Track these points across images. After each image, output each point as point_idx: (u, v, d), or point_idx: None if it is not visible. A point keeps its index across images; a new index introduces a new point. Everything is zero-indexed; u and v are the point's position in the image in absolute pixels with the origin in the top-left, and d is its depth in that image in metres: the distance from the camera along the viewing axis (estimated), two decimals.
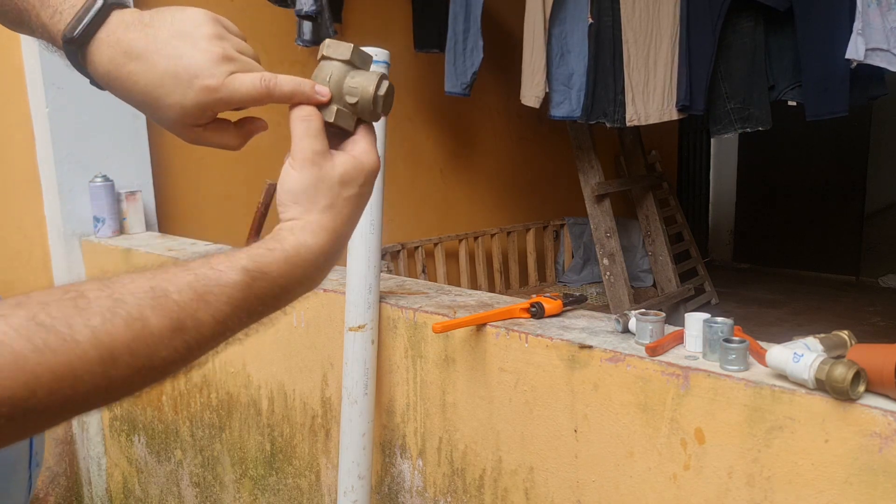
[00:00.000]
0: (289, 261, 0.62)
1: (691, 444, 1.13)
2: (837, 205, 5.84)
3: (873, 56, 2.66)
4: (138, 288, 0.52)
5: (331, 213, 0.65)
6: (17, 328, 0.46)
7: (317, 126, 0.67)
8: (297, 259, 0.63)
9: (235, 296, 0.57)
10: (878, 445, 0.95)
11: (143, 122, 2.59)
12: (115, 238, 2.41)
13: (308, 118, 0.67)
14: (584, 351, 1.24)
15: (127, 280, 0.53)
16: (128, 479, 2.44)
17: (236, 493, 2.02)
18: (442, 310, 1.50)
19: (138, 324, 0.51)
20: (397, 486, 1.62)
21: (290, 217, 0.65)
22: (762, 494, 1.07)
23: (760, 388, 1.05)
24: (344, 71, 0.69)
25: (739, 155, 6.41)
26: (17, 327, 0.46)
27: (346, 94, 0.68)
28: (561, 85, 3.29)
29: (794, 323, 4.57)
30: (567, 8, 3.25)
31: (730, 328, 1.14)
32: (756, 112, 3.21)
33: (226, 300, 0.57)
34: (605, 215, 3.93)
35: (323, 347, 1.73)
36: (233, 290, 0.57)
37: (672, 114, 3.27)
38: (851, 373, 0.95)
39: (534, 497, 1.35)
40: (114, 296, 0.51)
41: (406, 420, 1.58)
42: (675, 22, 3.22)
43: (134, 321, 0.51)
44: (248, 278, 0.58)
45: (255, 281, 0.59)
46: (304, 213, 0.65)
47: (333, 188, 0.66)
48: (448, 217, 4.11)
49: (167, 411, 2.23)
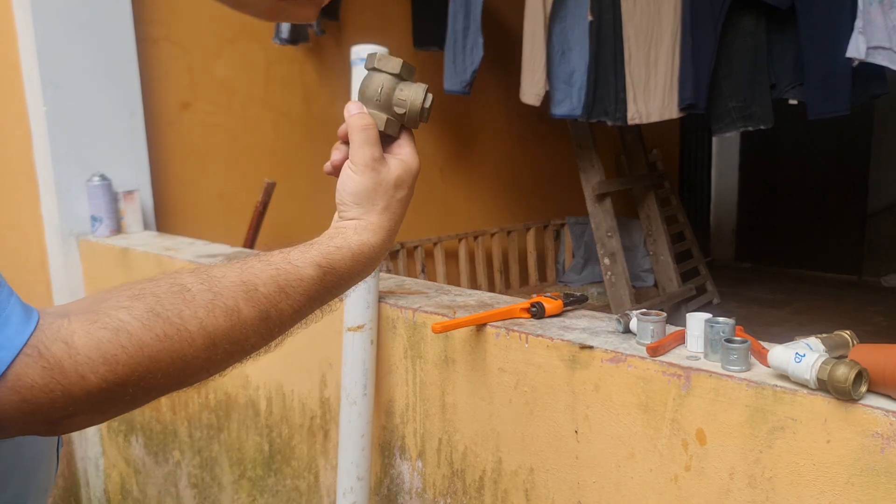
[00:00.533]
0: (354, 258, 0.72)
1: (693, 445, 1.12)
2: (839, 204, 5.82)
3: (875, 54, 2.65)
4: (231, 283, 0.62)
5: (387, 214, 0.75)
6: (140, 319, 0.55)
7: (374, 135, 0.75)
8: (360, 256, 0.73)
9: (310, 289, 0.67)
10: (881, 446, 0.94)
11: (140, 120, 2.58)
12: (112, 237, 2.40)
13: (367, 128, 0.75)
14: (585, 351, 1.23)
15: (219, 274, 0.62)
16: (126, 480, 2.44)
17: (234, 494, 2.01)
18: (441, 310, 1.49)
19: (234, 315, 0.60)
20: (396, 487, 1.61)
21: (351, 217, 0.75)
22: (764, 495, 1.06)
23: (762, 389, 1.04)
24: (393, 83, 0.76)
25: (741, 154, 6.40)
26: (139, 318, 0.55)
27: (395, 106, 0.76)
28: (562, 83, 3.28)
29: (796, 323, 4.56)
30: (568, 5, 3.24)
31: (731, 328, 1.13)
32: (757, 111, 3.20)
33: (302, 292, 0.66)
34: (606, 214, 3.91)
35: (322, 348, 1.72)
36: (308, 284, 0.67)
37: (673, 112, 3.26)
38: (853, 373, 0.94)
39: (534, 498, 1.34)
40: (213, 289, 0.60)
41: (405, 421, 1.57)
42: (677, 20, 3.20)
43: (231, 312, 0.60)
44: (320, 273, 0.68)
45: (326, 275, 0.69)
46: (365, 214, 0.75)
47: (389, 191, 0.75)
48: (448, 216, 4.11)
49: (165, 412, 2.22)
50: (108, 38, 2.48)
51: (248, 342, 0.62)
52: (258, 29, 3.11)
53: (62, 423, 0.56)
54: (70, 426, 0.57)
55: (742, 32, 3.18)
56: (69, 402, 0.53)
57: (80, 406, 0.54)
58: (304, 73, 3.36)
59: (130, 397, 0.56)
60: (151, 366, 0.55)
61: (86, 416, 0.56)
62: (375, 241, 0.74)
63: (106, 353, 0.53)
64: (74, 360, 0.52)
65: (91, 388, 0.53)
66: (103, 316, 0.55)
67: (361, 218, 0.74)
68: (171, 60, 2.84)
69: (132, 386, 0.54)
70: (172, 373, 0.57)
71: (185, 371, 0.58)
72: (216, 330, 0.59)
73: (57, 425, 0.56)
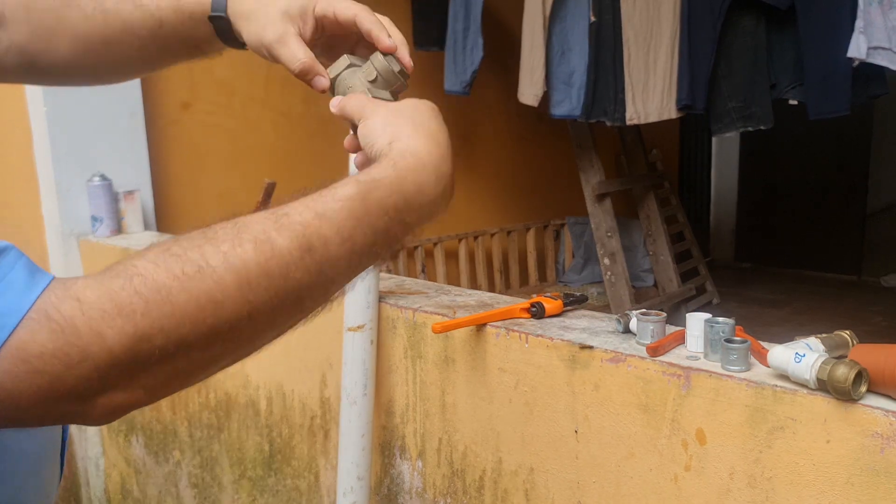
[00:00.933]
0: (397, 166, 0.62)
1: (692, 445, 1.12)
2: (839, 204, 5.82)
3: (875, 55, 2.65)
4: (259, 217, 0.54)
5: (421, 130, 0.66)
6: (154, 261, 0.49)
7: (362, 96, 0.71)
8: (404, 163, 0.63)
9: (355, 207, 0.57)
10: (880, 446, 0.94)
11: (141, 121, 2.58)
12: (113, 238, 2.40)
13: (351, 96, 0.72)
14: (585, 351, 1.23)
15: (248, 217, 0.55)
16: (126, 480, 2.44)
17: (235, 493, 2.01)
18: (441, 310, 1.49)
19: (266, 245, 0.52)
20: (397, 487, 1.61)
21: (385, 143, 0.65)
22: (763, 495, 1.06)
23: (762, 389, 1.04)
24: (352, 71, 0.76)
25: (741, 154, 6.39)
26: (153, 260, 0.49)
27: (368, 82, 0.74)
28: (561, 83, 3.28)
29: (796, 323, 4.55)
30: (567, 6, 3.24)
31: (731, 328, 1.13)
32: (757, 111, 3.20)
33: (346, 214, 0.57)
34: (605, 215, 3.91)
35: (322, 347, 1.72)
36: (350, 203, 0.57)
37: (672, 112, 3.26)
38: (853, 373, 0.94)
39: (534, 498, 1.35)
40: (237, 224, 0.53)
41: (405, 421, 1.57)
42: (676, 20, 3.20)
43: (261, 243, 0.52)
44: (362, 188, 0.59)
45: (370, 191, 0.59)
46: (397, 134, 0.66)
47: (407, 114, 0.68)
48: (448, 216, 4.07)
49: (165, 412, 2.22)
50: None
51: (292, 277, 0.53)
52: None
53: (96, 400, 0.49)
54: (110, 406, 0.50)
55: (742, 33, 3.18)
56: (92, 369, 0.47)
57: (107, 374, 0.47)
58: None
59: (162, 358, 0.49)
60: (176, 312, 0.48)
61: (123, 391, 0.49)
62: (417, 145, 0.64)
63: (121, 302, 0.47)
64: (88, 317, 0.47)
65: (112, 347, 0.47)
66: (116, 266, 0.50)
67: (396, 139, 0.65)
68: None
69: (159, 340, 0.48)
70: (203, 320, 0.49)
71: (219, 316, 0.50)
72: (246, 263, 0.51)
73: (90, 404, 0.49)
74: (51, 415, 0.49)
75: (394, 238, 0.62)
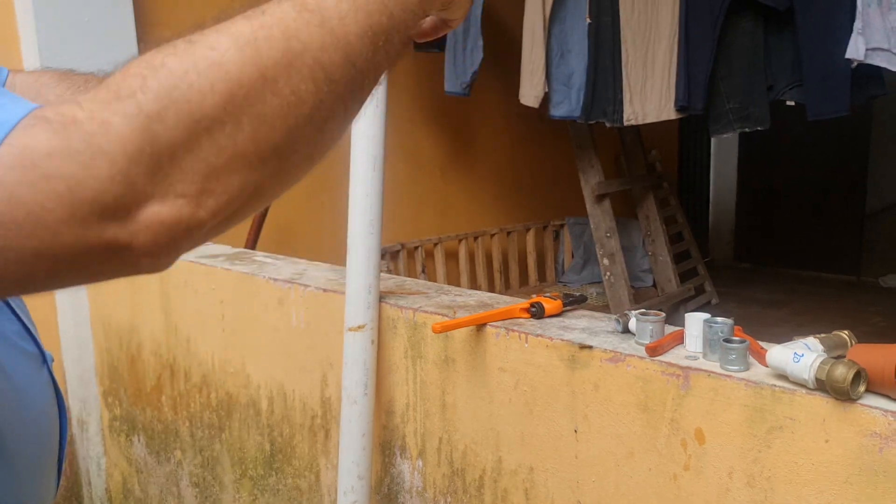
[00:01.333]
0: None
1: (691, 445, 1.13)
2: (838, 204, 5.83)
3: (874, 56, 2.66)
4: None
5: None
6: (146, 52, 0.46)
7: None
8: None
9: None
10: (879, 445, 0.95)
11: None
12: None
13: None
14: (585, 351, 1.24)
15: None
16: (127, 480, 2.44)
17: (236, 493, 2.02)
18: (442, 310, 1.49)
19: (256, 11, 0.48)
20: (397, 486, 1.62)
21: None
22: (762, 495, 1.06)
23: (761, 389, 1.04)
24: None
25: (740, 154, 6.40)
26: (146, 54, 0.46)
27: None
28: (561, 84, 3.29)
29: (795, 323, 4.56)
30: (567, 7, 3.25)
31: (730, 328, 1.14)
32: (755, 112, 3.21)
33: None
34: (605, 215, 3.92)
35: (322, 347, 1.72)
36: None
37: (670, 113, 3.27)
38: (852, 373, 0.95)
39: (534, 497, 1.35)
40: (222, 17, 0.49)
41: (406, 420, 1.57)
42: (674, 22, 3.21)
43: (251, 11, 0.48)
44: None
45: None
46: None
47: None
48: (448, 217, 4.11)
49: (166, 411, 2.23)
50: (111, 39, 2.49)
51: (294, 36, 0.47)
52: None
53: (136, 217, 0.42)
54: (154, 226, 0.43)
55: (740, 34, 3.19)
56: (111, 166, 0.41)
57: (129, 173, 0.41)
58: None
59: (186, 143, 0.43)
60: (179, 84, 0.43)
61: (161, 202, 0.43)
62: None
63: (117, 86, 0.43)
64: (87, 109, 0.42)
65: (122, 133, 0.41)
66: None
67: None
68: None
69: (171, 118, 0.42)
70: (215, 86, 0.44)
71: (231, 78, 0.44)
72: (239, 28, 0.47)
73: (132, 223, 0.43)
74: (91, 244, 0.42)
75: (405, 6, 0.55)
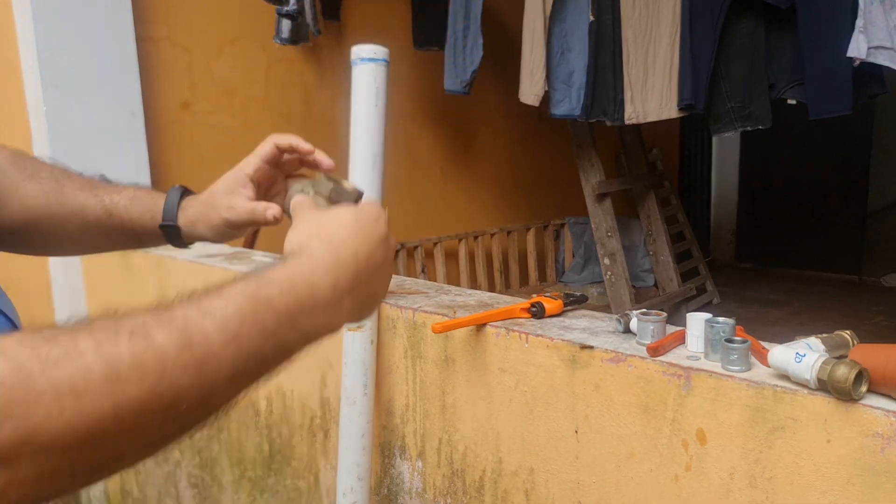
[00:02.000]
0: (290, 265, 0.59)
1: (693, 445, 1.12)
2: (839, 204, 5.83)
3: (876, 54, 2.65)
4: (139, 310, 0.50)
5: (323, 234, 0.65)
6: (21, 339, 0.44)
7: (303, 200, 0.77)
8: (297, 263, 0.60)
9: (242, 305, 0.53)
10: (881, 446, 0.94)
11: (141, 122, 2.58)
12: None
13: (299, 201, 0.77)
14: (585, 351, 1.23)
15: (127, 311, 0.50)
16: (125, 480, 2.44)
17: (234, 494, 2.01)
18: (441, 310, 1.49)
19: (142, 337, 0.47)
20: (396, 487, 1.61)
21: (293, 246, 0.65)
22: (764, 495, 1.06)
23: (762, 389, 1.04)
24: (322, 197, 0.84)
25: (741, 154, 6.40)
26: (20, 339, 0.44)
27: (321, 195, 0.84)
28: (561, 83, 3.29)
29: (797, 323, 4.56)
30: (568, 6, 3.24)
31: (731, 328, 1.13)
32: (756, 111, 3.20)
33: (233, 311, 0.52)
34: (606, 214, 3.91)
35: (321, 348, 1.71)
36: (238, 299, 0.53)
37: (671, 112, 3.26)
38: (854, 373, 0.94)
39: (534, 498, 1.34)
40: (115, 315, 0.49)
41: (405, 421, 1.57)
42: (675, 21, 3.21)
43: (138, 335, 0.47)
44: (251, 285, 0.55)
45: (260, 288, 0.55)
46: (306, 238, 0.65)
47: (324, 220, 0.68)
48: (448, 216, 4.10)
49: None
50: (109, 38, 2.48)
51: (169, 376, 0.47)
52: (258, 29, 3.11)
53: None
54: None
55: (741, 33, 3.18)
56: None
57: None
58: (304, 73, 3.36)
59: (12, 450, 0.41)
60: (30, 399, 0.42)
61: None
62: (317, 247, 0.63)
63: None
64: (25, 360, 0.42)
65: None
66: None
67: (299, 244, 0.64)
68: (171, 60, 2.84)
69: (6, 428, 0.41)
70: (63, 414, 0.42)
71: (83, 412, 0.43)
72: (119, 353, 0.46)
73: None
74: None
75: (285, 345, 0.57)
